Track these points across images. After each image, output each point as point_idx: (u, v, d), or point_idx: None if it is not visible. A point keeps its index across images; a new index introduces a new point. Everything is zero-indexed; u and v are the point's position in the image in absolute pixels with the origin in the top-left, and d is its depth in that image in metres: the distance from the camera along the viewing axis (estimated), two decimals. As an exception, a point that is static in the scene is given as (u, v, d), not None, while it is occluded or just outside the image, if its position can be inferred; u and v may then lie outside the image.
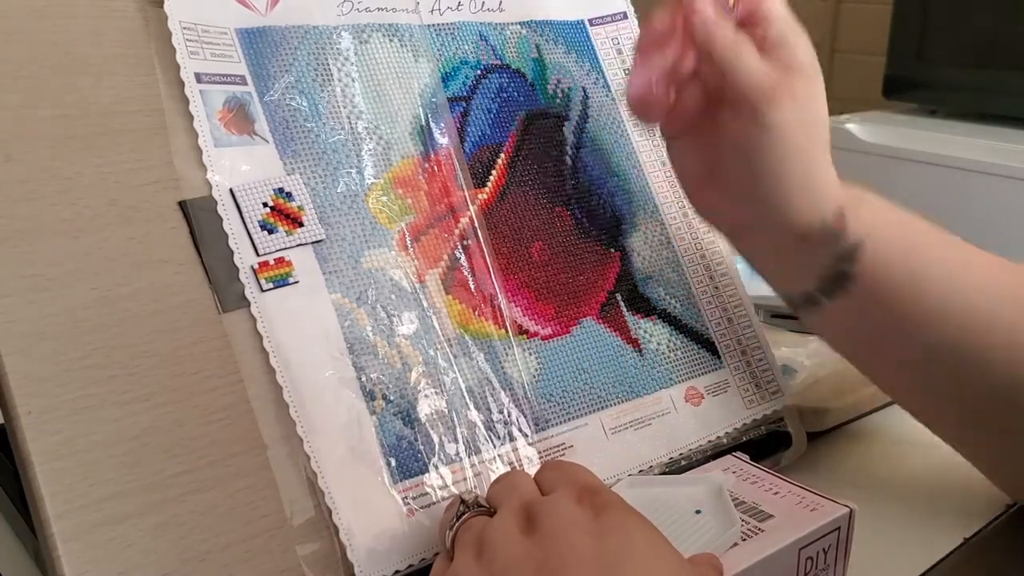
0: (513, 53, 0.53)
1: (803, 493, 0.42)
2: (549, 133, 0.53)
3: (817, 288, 0.42)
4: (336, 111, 0.46)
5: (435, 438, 0.42)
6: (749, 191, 0.43)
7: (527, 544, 0.32)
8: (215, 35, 0.43)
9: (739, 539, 0.39)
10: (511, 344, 0.47)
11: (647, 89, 0.41)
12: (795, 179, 0.41)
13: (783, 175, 0.41)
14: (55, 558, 0.34)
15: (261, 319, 0.40)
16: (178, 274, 0.39)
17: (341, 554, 0.39)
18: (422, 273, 0.45)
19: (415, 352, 0.43)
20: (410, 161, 0.47)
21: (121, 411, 0.36)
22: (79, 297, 0.37)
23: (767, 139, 0.41)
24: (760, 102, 0.40)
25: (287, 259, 0.42)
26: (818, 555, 0.40)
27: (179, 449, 0.37)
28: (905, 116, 1.59)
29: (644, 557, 0.31)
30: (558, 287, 0.49)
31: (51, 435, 0.35)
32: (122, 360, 0.37)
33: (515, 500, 0.35)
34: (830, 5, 1.95)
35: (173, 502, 0.36)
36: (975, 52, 1.49)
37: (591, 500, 0.33)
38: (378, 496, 0.40)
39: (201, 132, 0.41)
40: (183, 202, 0.40)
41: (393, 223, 0.45)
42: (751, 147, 0.42)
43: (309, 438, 0.39)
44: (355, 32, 0.48)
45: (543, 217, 0.50)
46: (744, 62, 0.40)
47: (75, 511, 0.35)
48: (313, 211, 0.43)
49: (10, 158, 0.37)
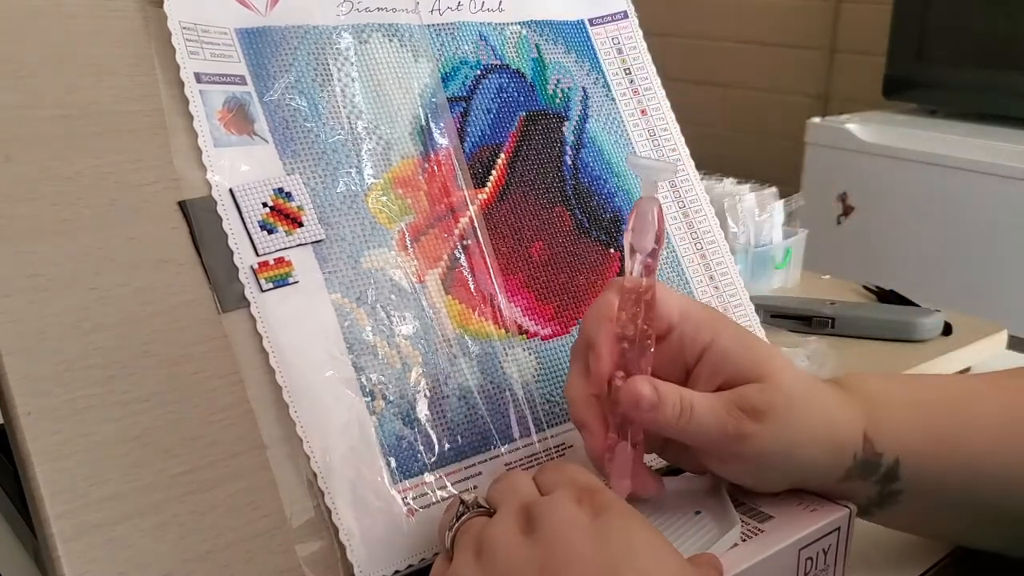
0: (513, 53, 0.53)
1: (803, 493, 0.42)
2: (549, 133, 0.53)
3: (868, 506, 0.42)
4: (336, 111, 0.46)
5: (435, 438, 0.42)
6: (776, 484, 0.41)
7: (527, 545, 0.32)
8: (215, 35, 0.43)
9: (739, 539, 0.39)
10: (511, 344, 0.47)
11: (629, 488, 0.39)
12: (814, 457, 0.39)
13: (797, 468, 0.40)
14: (55, 558, 0.34)
15: (261, 319, 0.40)
16: (178, 274, 0.39)
17: (341, 554, 0.39)
18: (422, 273, 0.45)
19: (415, 352, 0.43)
20: (410, 161, 0.47)
21: (121, 411, 0.36)
22: (79, 297, 0.37)
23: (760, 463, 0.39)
24: (731, 448, 0.38)
25: (287, 259, 0.42)
26: (818, 555, 0.40)
27: (179, 449, 0.37)
28: (905, 116, 1.59)
29: (644, 558, 0.31)
30: (558, 287, 0.49)
31: (51, 435, 0.35)
32: (122, 360, 0.37)
33: (515, 501, 0.35)
34: (830, 5, 1.94)
35: (173, 502, 0.36)
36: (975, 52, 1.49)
37: (590, 501, 0.33)
38: (378, 496, 0.40)
39: (201, 132, 0.41)
40: (183, 202, 0.40)
41: (393, 223, 0.45)
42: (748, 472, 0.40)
43: (309, 438, 0.39)
44: (355, 32, 0.48)
45: (543, 217, 0.50)
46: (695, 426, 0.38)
47: (75, 511, 0.35)
48: (313, 211, 0.43)
49: (10, 158, 0.37)
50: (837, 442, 0.40)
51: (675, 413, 0.37)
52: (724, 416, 0.38)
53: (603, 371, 0.39)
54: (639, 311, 0.38)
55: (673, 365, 0.40)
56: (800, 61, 2.03)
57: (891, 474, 0.40)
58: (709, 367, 0.39)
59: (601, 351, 0.39)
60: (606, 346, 0.39)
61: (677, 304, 0.40)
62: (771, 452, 0.38)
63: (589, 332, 0.39)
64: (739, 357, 0.39)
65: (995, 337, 0.72)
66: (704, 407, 0.38)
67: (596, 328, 0.39)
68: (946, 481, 0.41)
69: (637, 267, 0.39)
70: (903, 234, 1.48)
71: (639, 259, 0.39)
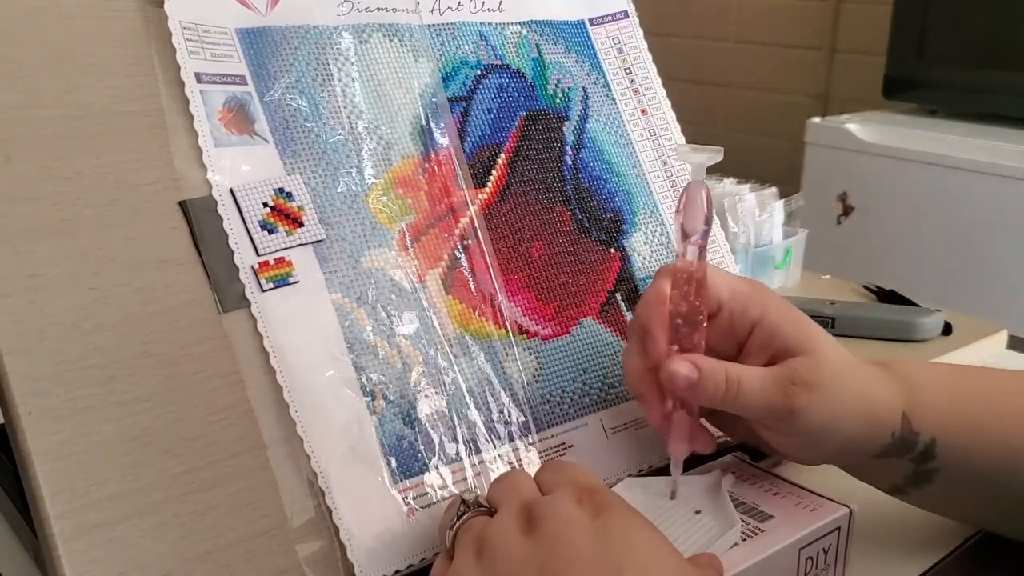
0: (513, 53, 0.53)
1: (803, 493, 0.42)
2: (549, 133, 0.53)
3: (903, 485, 0.43)
4: (336, 111, 0.46)
5: (435, 438, 0.42)
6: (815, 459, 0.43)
7: (527, 544, 0.32)
8: (215, 35, 0.43)
9: (739, 539, 0.39)
10: (511, 344, 0.47)
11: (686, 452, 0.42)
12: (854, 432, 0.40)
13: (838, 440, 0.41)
14: (55, 558, 0.34)
15: (261, 319, 0.40)
16: (178, 274, 0.39)
17: (341, 554, 0.39)
18: (422, 273, 0.45)
19: (415, 352, 0.43)
20: (410, 161, 0.47)
21: (121, 411, 0.36)
22: (79, 297, 0.37)
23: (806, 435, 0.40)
24: (779, 420, 0.40)
25: (287, 259, 0.42)
26: (818, 555, 0.40)
27: (179, 449, 0.37)
28: (905, 116, 1.59)
29: (645, 557, 0.31)
30: (558, 287, 0.49)
31: (51, 435, 0.35)
32: (122, 360, 0.37)
33: (515, 500, 0.35)
34: (830, 5, 1.94)
35: (173, 502, 0.36)
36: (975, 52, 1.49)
37: (591, 500, 0.33)
38: (378, 496, 0.40)
39: (201, 132, 0.41)
40: (183, 202, 0.40)
41: (393, 223, 0.45)
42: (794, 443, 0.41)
43: (309, 438, 0.39)
44: (355, 32, 0.48)
45: (543, 217, 0.50)
46: (744, 400, 0.39)
47: (75, 511, 0.35)
48: (313, 211, 0.43)
49: (10, 158, 0.37)
50: (876, 418, 0.41)
51: (719, 390, 0.39)
52: (772, 389, 0.39)
53: (659, 353, 0.41)
54: (691, 290, 0.40)
55: (726, 341, 0.42)
56: (800, 61, 2.03)
57: (928, 453, 0.41)
58: (759, 342, 0.41)
59: (656, 335, 0.41)
60: (660, 330, 0.41)
61: (726, 283, 0.42)
62: (816, 424, 0.40)
63: (642, 318, 0.42)
64: (787, 332, 0.41)
65: (995, 337, 0.72)
66: (752, 381, 0.40)
67: (649, 314, 0.42)
68: (981, 465, 0.42)
69: (690, 249, 0.40)
70: (903, 234, 1.48)
71: (691, 241, 0.40)
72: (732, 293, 0.42)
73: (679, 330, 0.41)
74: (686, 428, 0.41)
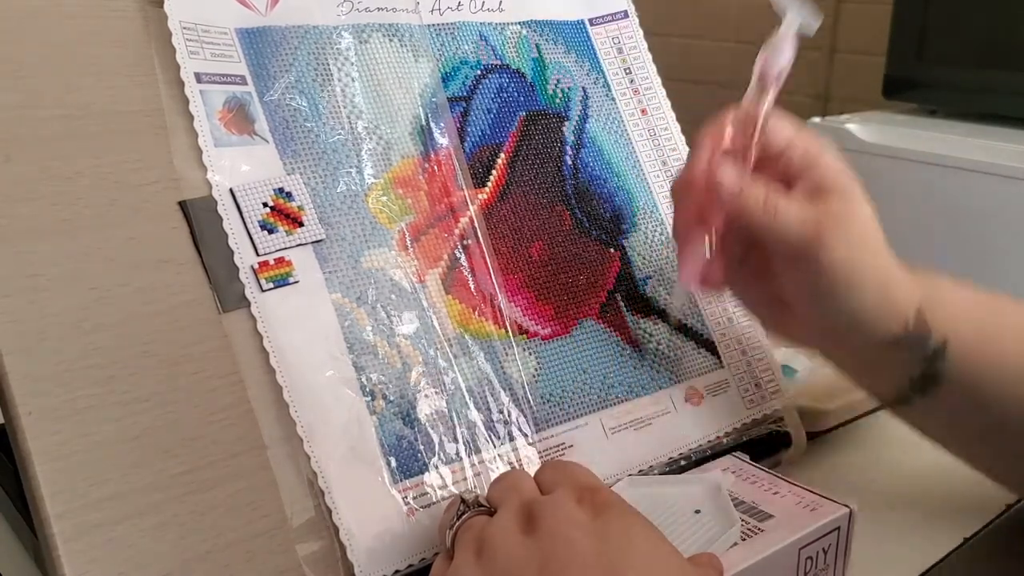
0: (513, 53, 0.53)
1: (803, 493, 0.42)
2: (549, 133, 0.53)
3: (909, 388, 0.43)
4: (336, 111, 0.46)
5: (435, 438, 0.42)
6: (827, 322, 0.42)
7: (527, 544, 0.32)
8: (215, 35, 0.43)
9: (739, 539, 0.39)
10: (511, 344, 0.47)
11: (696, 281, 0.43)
12: (869, 300, 0.41)
13: (855, 301, 0.41)
14: (55, 558, 0.34)
15: (261, 319, 0.40)
16: (178, 274, 0.39)
17: (341, 554, 0.39)
18: (422, 273, 0.45)
19: (415, 352, 0.43)
20: (410, 161, 0.47)
21: (121, 411, 0.36)
22: (79, 297, 0.37)
23: (827, 278, 0.40)
24: (807, 250, 0.40)
25: (287, 259, 0.42)
26: (818, 555, 0.40)
27: (179, 449, 0.37)
28: (905, 116, 1.59)
29: (645, 557, 0.31)
30: (558, 287, 0.49)
31: (51, 435, 0.35)
32: (122, 360, 0.37)
33: (515, 500, 0.35)
34: (830, 5, 1.94)
35: (173, 502, 0.36)
36: (975, 52, 1.49)
37: (591, 500, 0.33)
38: (378, 496, 0.40)
39: (201, 132, 0.41)
40: (183, 202, 0.40)
41: (393, 223, 0.45)
42: (814, 289, 0.41)
43: (309, 438, 0.39)
44: (355, 32, 0.48)
45: (543, 217, 0.50)
46: (781, 220, 0.40)
47: (75, 511, 0.35)
48: (313, 211, 0.43)
49: (10, 158, 0.37)
50: (893, 298, 0.41)
51: (757, 204, 0.41)
52: (808, 217, 0.40)
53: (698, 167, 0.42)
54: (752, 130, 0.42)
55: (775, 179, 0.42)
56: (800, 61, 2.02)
57: (938, 353, 0.41)
58: (807, 188, 0.42)
59: (700, 153, 0.42)
60: (706, 149, 0.42)
61: (788, 131, 0.43)
62: (839, 266, 0.40)
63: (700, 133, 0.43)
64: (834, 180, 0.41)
65: (995, 337, 0.72)
66: (789, 206, 0.40)
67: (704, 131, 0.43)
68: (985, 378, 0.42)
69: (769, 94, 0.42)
70: (903, 234, 1.47)
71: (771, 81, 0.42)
72: (789, 143, 0.42)
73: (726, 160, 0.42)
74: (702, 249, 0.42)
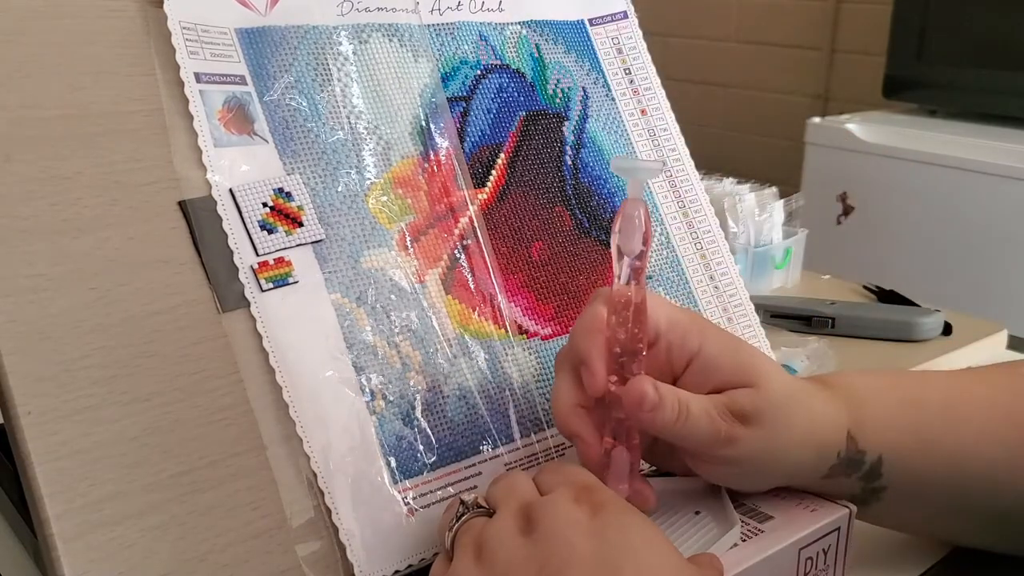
0: (513, 53, 0.53)
1: (803, 494, 0.42)
2: (549, 133, 0.53)
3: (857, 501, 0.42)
4: (336, 111, 0.46)
5: (435, 438, 0.42)
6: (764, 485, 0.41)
7: (526, 545, 0.32)
8: (215, 35, 0.43)
9: (739, 539, 0.39)
10: (511, 344, 0.47)
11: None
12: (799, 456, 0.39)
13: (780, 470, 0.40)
14: (55, 558, 0.34)
15: (261, 319, 0.40)
16: (178, 274, 0.39)
17: (341, 554, 0.39)
18: (422, 273, 0.45)
19: (415, 352, 0.43)
20: (410, 161, 0.47)
21: (121, 411, 0.36)
22: (79, 297, 0.37)
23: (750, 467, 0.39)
24: (720, 452, 0.38)
25: (287, 259, 0.42)
26: (818, 555, 0.40)
27: (179, 449, 0.37)
28: (905, 116, 1.59)
29: (644, 556, 0.31)
30: (558, 287, 0.49)
31: (51, 435, 0.35)
32: (122, 360, 0.37)
33: (514, 501, 0.35)
34: (830, 5, 1.94)
35: (173, 502, 0.36)
36: (975, 52, 1.49)
37: (589, 500, 0.33)
38: (378, 496, 0.40)
39: (201, 132, 0.41)
40: (183, 202, 0.40)
41: (393, 223, 0.45)
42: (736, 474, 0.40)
43: (309, 438, 0.39)
44: (355, 32, 0.48)
45: (543, 217, 0.50)
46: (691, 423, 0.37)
47: (75, 511, 0.35)
48: (313, 211, 0.43)
49: (10, 158, 0.37)
50: (822, 442, 0.40)
51: (674, 414, 0.37)
52: (717, 419, 0.38)
53: (599, 384, 0.38)
54: (629, 316, 0.38)
55: (661, 373, 0.39)
56: (800, 61, 2.03)
57: (874, 471, 0.41)
58: (697, 374, 0.39)
59: (595, 365, 0.38)
60: (599, 359, 0.38)
61: (664, 312, 0.40)
62: (759, 455, 0.38)
63: (579, 346, 0.39)
64: (727, 363, 0.39)
65: (995, 337, 0.72)
66: (699, 409, 0.37)
67: (587, 342, 0.38)
68: (930, 478, 0.41)
69: (625, 271, 0.38)
70: (903, 234, 1.48)
71: (627, 263, 0.38)
72: (670, 323, 0.39)
73: (618, 359, 0.38)
74: (627, 466, 0.38)
